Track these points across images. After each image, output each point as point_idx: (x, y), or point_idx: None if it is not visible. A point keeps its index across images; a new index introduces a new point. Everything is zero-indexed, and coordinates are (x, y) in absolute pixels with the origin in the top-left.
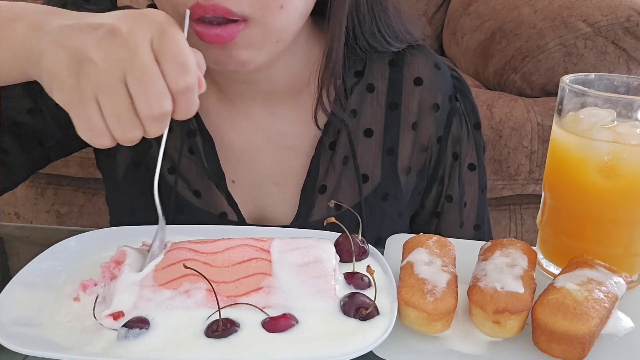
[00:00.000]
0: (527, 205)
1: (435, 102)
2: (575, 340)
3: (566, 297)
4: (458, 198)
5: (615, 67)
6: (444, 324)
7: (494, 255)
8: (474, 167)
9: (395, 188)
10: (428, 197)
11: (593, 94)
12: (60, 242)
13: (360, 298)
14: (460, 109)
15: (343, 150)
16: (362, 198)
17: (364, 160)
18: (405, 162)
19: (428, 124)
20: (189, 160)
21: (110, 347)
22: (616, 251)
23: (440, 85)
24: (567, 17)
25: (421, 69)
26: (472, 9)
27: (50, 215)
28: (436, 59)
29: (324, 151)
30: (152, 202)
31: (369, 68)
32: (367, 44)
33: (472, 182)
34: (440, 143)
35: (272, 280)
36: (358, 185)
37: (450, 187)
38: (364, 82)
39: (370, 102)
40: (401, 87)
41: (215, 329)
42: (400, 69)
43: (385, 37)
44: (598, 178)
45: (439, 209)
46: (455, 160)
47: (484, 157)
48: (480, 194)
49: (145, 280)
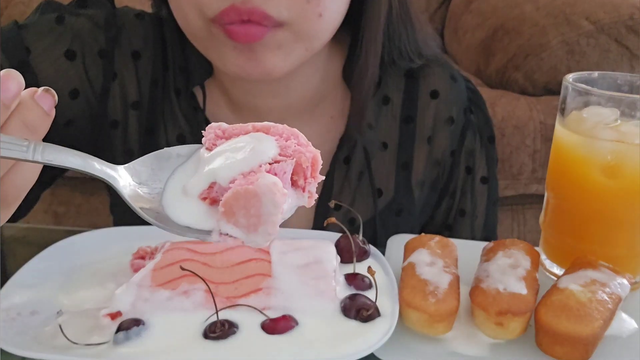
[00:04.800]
0: (529, 205)
1: (451, 116)
2: (578, 341)
3: (569, 299)
4: (470, 212)
5: (618, 65)
6: (446, 326)
7: (496, 256)
8: (486, 181)
9: (408, 203)
10: (438, 209)
11: (596, 93)
12: (57, 243)
13: (361, 299)
14: (475, 122)
15: (358, 165)
16: (376, 212)
17: (378, 174)
18: (420, 176)
19: (442, 137)
20: None
21: (108, 348)
22: (620, 252)
23: (456, 98)
24: (569, 14)
25: (437, 82)
26: (473, 7)
27: (48, 215)
28: (452, 71)
29: (338, 166)
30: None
31: (385, 79)
32: (392, 61)
33: (483, 195)
34: (454, 156)
35: (272, 281)
36: (373, 199)
37: (462, 201)
38: (380, 94)
39: (385, 116)
40: (417, 100)
41: (213, 331)
42: (416, 82)
43: (409, 54)
44: (601, 177)
45: (449, 222)
46: (468, 174)
47: (496, 170)
48: (491, 207)
49: (144, 280)
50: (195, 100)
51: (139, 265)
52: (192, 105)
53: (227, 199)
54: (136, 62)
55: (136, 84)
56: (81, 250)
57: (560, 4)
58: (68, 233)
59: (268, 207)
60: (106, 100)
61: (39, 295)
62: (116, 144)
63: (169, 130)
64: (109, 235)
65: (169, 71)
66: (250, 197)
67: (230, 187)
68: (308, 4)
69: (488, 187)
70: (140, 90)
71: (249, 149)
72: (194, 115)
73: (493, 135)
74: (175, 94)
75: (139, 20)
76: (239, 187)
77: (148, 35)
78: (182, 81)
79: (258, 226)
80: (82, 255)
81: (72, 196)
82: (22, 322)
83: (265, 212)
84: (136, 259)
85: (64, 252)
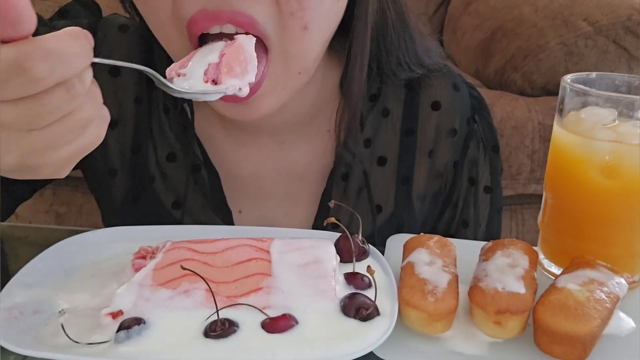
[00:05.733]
0: (528, 205)
1: (453, 127)
2: (576, 340)
3: (568, 298)
4: (473, 222)
5: (617, 67)
6: (445, 325)
7: (495, 256)
8: (490, 190)
9: (409, 218)
10: (440, 220)
11: (594, 94)
12: (59, 243)
13: (360, 298)
14: (478, 132)
15: (357, 182)
16: (375, 229)
17: (377, 190)
18: (421, 190)
19: (444, 150)
20: (195, 193)
21: (109, 347)
22: (617, 251)
23: (459, 108)
24: (567, 16)
25: (439, 92)
26: (472, 8)
27: (49, 215)
28: (455, 79)
29: (336, 182)
30: None
31: (384, 91)
32: (391, 72)
33: (486, 204)
34: (456, 168)
35: (272, 281)
36: (372, 216)
37: (465, 211)
38: (379, 107)
39: (385, 128)
40: (417, 112)
41: (214, 330)
42: (417, 92)
43: (409, 65)
44: (599, 178)
45: (451, 232)
46: (471, 185)
47: (501, 179)
48: (494, 216)
49: (145, 280)
50: (186, 117)
51: (140, 264)
52: (182, 122)
53: (227, 60)
54: (114, 78)
55: (113, 101)
56: (82, 250)
57: (559, 5)
58: (69, 233)
59: (250, 51)
60: None
61: (41, 294)
62: (97, 162)
63: (158, 149)
64: (110, 235)
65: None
66: (239, 50)
67: (221, 60)
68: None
69: (492, 197)
70: (120, 108)
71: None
72: (184, 133)
73: (497, 144)
74: (164, 111)
75: (122, 32)
76: (229, 50)
77: (132, 48)
78: (170, 97)
79: (247, 67)
80: (84, 255)
81: (74, 196)
82: (23, 321)
83: (249, 55)
84: (137, 259)
85: (65, 252)
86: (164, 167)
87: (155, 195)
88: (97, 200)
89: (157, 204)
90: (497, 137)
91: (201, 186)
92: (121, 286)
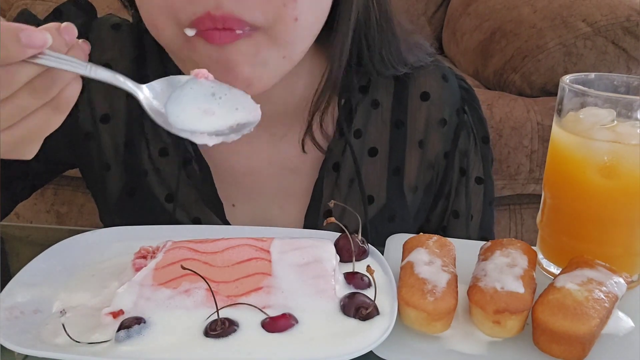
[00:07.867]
0: (527, 205)
1: (443, 118)
2: (575, 340)
3: (566, 297)
4: (464, 213)
5: (615, 67)
6: (444, 324)
7: (494, 255)
8: (481, 181)
9: (401, 209)
10: (434, 212)
11: (593, 94)
12: (60, 242)
13: (360, 298)
14: (469, 122)
15: (348, 172)
16: (367, 220)
17: (369, 181)
18: (412, 181)
19: (435, 140)
20: (188, 187)
21: (109, 347)
22: (616, 251)
23: (448, 98)
24: (566, 16)
25: (428, 83)
26: (471, 9)
27: (50, 215)
28: (444, 70)
29: (328, 173)
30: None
31: (374, 83)
32: (373, 67)
33: (478, 195)
34: (447, 158)
35: (272, 280)
36: (363, 207)
37: (456, 202)
38: (369, 98)
39: (375, 120)
40: (407, 103)
41: (214, 329)
42: (406, 84)
43: (392, 62)
44: (598, 178)
45: (445, 223)
46: (462, 175)
47: (492, 170)
48: (487, 207)
49: (145, 279)
50: None
51: (141, 264)
52: None
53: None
54: None
55: (104, 96)
56: (83, 250)
57: (558, 6)
58: (70, 232)
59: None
60: (76, 112)
61: (42, 294)
62: (93, 157)
63: (150, 144)
64: (111, 234)
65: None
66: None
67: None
68: (284, 8)
69: (484, 187)
70: (111, 103)
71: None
72: None
73: (487, 135)
74: None
75: (114, 31)
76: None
77: (125, 46)
78: None
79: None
80: (85, 254)
81: (75, 196)
82: (24, 320)
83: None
84: (138, 258)
85: (66, 252)
86: (156, 162)
87: (149, 190)
88: (93, 196)
89: (152, 198)
90: (487, 128)
91: (193, 180)
92: (122, 286)
